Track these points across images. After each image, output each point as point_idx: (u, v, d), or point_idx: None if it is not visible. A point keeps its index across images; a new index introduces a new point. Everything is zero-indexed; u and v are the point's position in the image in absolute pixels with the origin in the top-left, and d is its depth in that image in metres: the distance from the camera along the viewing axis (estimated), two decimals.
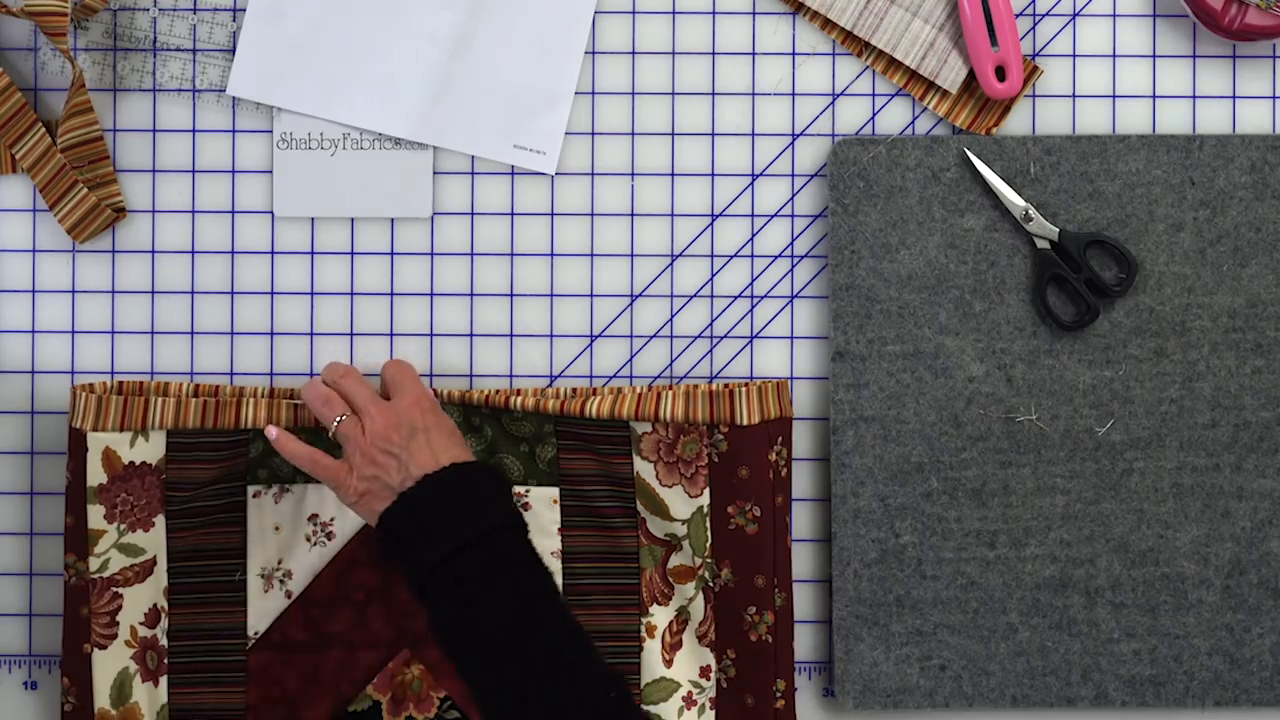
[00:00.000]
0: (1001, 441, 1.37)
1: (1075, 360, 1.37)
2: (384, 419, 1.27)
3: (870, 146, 1.38)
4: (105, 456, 1.34)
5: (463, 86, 1.39)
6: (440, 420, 1.28)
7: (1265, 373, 1.37)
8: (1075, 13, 1.40)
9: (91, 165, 1.39)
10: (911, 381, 1.37)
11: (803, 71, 1.40)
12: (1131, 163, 1.37)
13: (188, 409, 1.34)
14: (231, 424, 1.35)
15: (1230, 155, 1.37)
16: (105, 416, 1.34)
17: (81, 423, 1.34)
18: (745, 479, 1.34)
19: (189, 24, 1.40)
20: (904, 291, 1.37)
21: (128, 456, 1.34)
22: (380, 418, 1.27)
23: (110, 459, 1.34)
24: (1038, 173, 1.37)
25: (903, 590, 1.37)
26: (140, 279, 1.41)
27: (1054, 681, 1.38)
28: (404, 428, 1.26)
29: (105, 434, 1.34)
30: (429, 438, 1.26)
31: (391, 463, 1.25)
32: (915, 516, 1.37)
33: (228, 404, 1.35)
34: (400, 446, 1.26)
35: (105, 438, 1.34)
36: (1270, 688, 1.38)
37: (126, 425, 1.34)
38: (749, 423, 1.34)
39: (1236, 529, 1.37)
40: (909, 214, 1.38)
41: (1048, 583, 1.37)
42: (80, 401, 1.34)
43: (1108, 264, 1.37)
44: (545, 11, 1.39)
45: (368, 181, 1.40)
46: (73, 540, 1.35)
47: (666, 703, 1.36)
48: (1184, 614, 1.37)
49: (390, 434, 1.26)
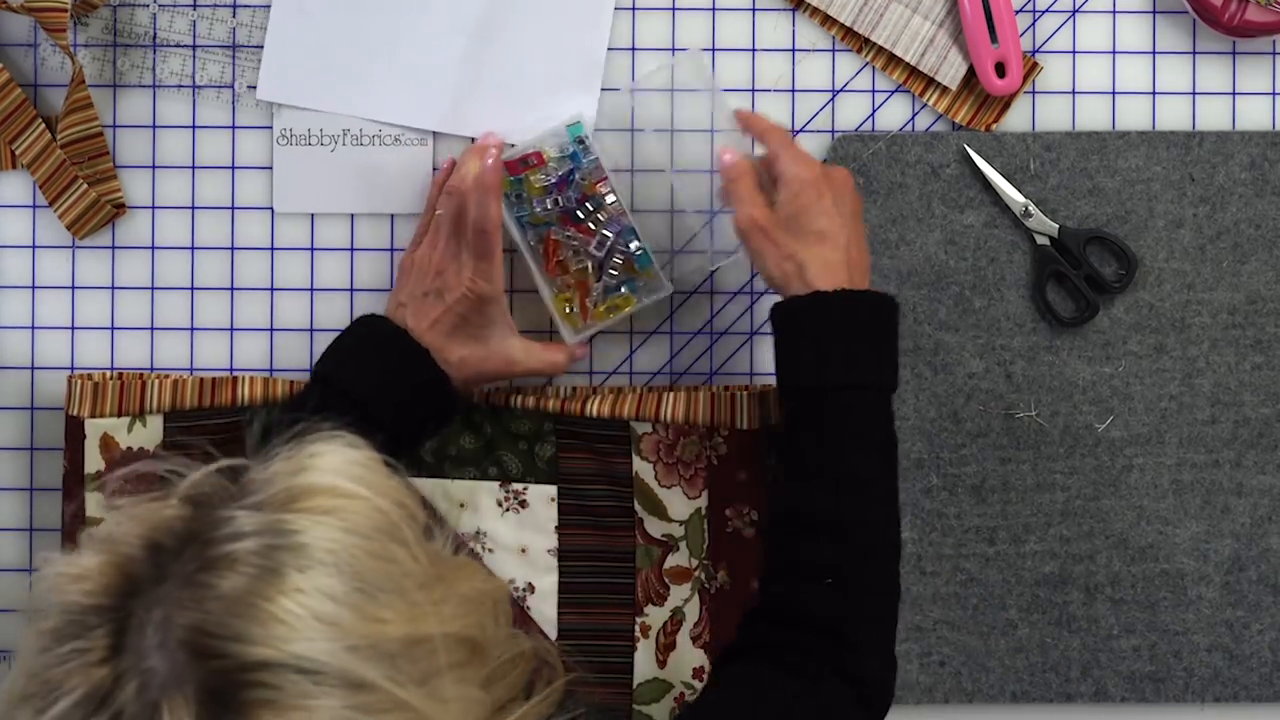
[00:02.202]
0: (1001, 438, 1.37)
1: (1075, 357, 1.37)
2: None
3: (870, 142, 1.38)
4: (103, 442, 1.34)
5: (493, 74, 1.39)
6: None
7: (1265, 369, 1.37)
8: (1075, 9, 1.40)
9: (91, 161, 1.38)
10: (911, 378, 1.37)
11: (803, 68, 1.40)
12: (1131, 159, 1.37)
13: (184, 390, 1.34)
14: (228, 402, 1.35)
15: (1230, 152, 1.37)
16: (102, 402, 1.34)
17: (78, 410, 1.34)
18: (744, 483, 1.34)
19: (189, 20, 1.40)
20: (904, 288, 1.37)
21: (125, 442, 1.34)
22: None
23: (108, 445, 1.34)
24: (1037, 169, 1.37)
25: (902, 586, 1.37)
26: (140, 275, 1.41)
27: (1053, 677, 1.38)
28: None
29: (103, 420, 1.34)
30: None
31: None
32: (915, 512, 1.37)
33: (224, 383, 1.35)
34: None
35: (103, 424, 1.34)
36: (1270, 684, 1.37)
37: (124, 410, 1.34)
38: (749, 427, 1.34)
39: (1236, 525, 1.37)
40: (908, 210, 1.38)
41: (1047, 579, 1.37)
42: (76, 388, 1.34)
43: (1107, 260, 1.37)
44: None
45: (367, 177, 1.39)
46: (72, 531, 1.34)
47: (659, 703, 1.36)
48: (1183, 610, 1.37)
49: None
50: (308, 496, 0.94)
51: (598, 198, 1.35)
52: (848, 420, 1.20)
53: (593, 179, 1.35)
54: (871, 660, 1.18)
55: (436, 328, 1.29)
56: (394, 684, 0.90)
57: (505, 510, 1.36)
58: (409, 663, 0.91)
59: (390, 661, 0.90)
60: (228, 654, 0.88)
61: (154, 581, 0.92)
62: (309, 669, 0.88)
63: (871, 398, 1.20)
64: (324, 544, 0.92)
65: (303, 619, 0.89)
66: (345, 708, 0.89)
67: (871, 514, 1.19)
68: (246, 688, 0.88)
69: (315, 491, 0.94)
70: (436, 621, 0.93)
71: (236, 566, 0.91)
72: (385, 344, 1.28)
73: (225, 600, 0.90)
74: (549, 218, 1.35)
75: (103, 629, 0.91)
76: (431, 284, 1.29)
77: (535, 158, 1.35)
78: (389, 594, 0.92)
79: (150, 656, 0.89)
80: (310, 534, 0.92)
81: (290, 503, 0.93)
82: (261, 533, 0.92)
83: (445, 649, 0.93)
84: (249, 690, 0.88)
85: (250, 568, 0.91)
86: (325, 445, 0.97)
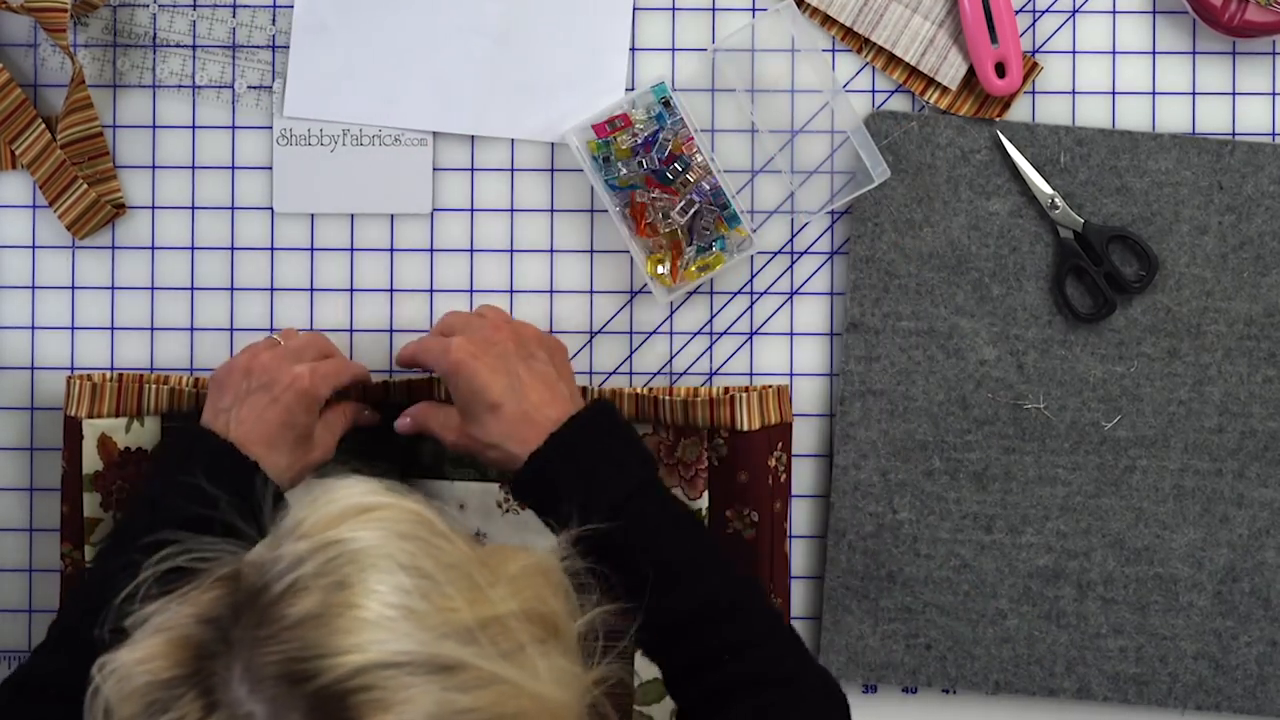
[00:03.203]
0: (1007, 427, 1.37)
1: (1088, 353, 1.37)
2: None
3: (903, 121, 1.37)
4: (101, 443, 1.32)
5: (517, 75, 1.38)
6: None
7: (1276, 382, 1.37)
8: (1075, 9, 1.40)
9: (91, 161, 1.38)
10: (923, 359, 1.37)
11: (802, 68, 1.39)
12: (1162, 161, 1.37)
13: (181, 393, 1.33)
14: None
15: (1261, 163, 1.37)
16: (100, 402, 1.32)
17: (76, 410, 1.32)
18: (744, 484, 1.34)
19: (189, 20, 1.39)
20: (923, 269, 1.37)
21: (123, 442, 1.33)
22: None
23: (106, 445, 1.32)
24: (1068, 163, 1.37)
25: (895, 566, 1.37)
26: (140, 275, 1.40)
27: (1038, 671, 1.37)
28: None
29: (101, 420, 1.32)
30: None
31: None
32: (915, 494, 1.37)
33: None
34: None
35: (101, 424, 1.32)
36: (1253, 696, 1.37)
37: (122, 411, 1.32)
38: (749, 428, 1.33)
39: (1233, 535, 1.37)
40: (935, 192, 1.37)
41: (1040, 572, 1.37)
42: (75, 389, 1.32)
43: (1129, 260, 1.37)
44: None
45: (367, 177, 1.39)
46: (69, 529, 1.33)
47: (659, 704, 1.35)
48: (1174, 615, 1.37)
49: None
50: (344, 515, 0.97)
51: (685, 158, 1.35)
52: (643, 527, 1.20)
53: (679, 139, 1.35)
54: (803, 665, 1.19)
55: (263, 431, 1.24)
56: (483, 659, 0.93)
57: (505, 511, 1.36)
58: (490, 642, 0.94)
59: (473, 641, 0.93)
60: (321, 672, 0.90)
61: (223, 643, 0.94)
62: (402, 662, 0.91)
63: (644, 494, 1.21)
64: (377, 546, 0.95)
65: (381, 618, 0.92)
66: (444, 690, 0.91)
67: (717, 579, 1.20)
68: (349, 696, 0.90)
69: (349, 509, 0.97)
70: (500, 600, 0.96)
71: (301, 591, 0.93)
72: (214, 461, 1.22)
73: (302, 624, 0.92)
74: (635, 179, 1.35)
75: (190, 694, 0.93)
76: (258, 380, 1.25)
77: (622, 119, 1.35)
78: (449, 582, 0.95)
79: (246, 703, 0.91)
80: (361, 540, 0.95)
81: (330, 525, 0.96)
82: (314, 554, 0.94)
83: (520, 626, 0.96)
84: (352, 698, 0.90)
85: (316, 588, 0.93)
86: (338, 481, 1.00)
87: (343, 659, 0.90)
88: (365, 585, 0.93)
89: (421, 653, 0.91)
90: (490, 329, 1.25)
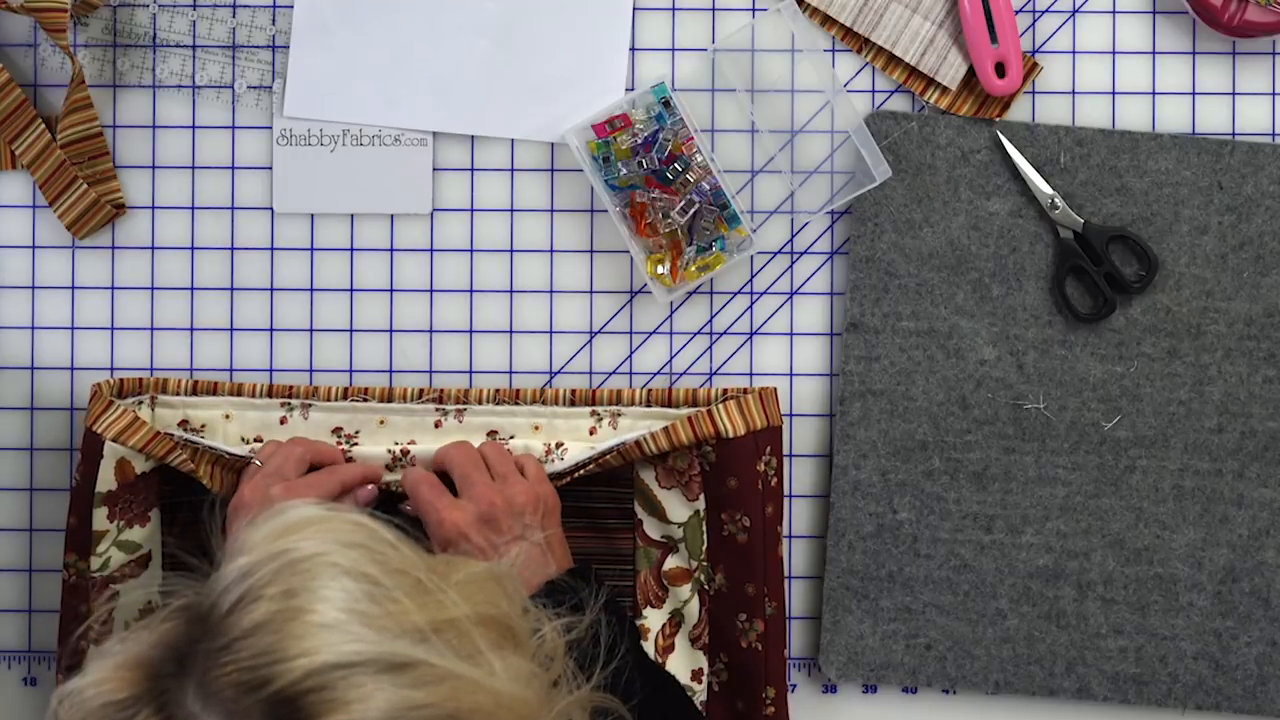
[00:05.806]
0: (1007, 427, 1.37)
1: (1088, 353, 1.37)
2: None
3: (903, 121, 1.37)
4: (119, 466, 1.31)
5: (516, 75, 1.38)
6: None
7: (1276, 383, 1.37)
8: (1075, 9, 1.40)
9: (91, 161, 1.38)
10: (923, 359, 1.37)
11: (802, 68, 1.39)
12: (1162, 161, 1.37)
13: (203, 456, 1.33)
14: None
15: (1261, 163, 1.37)
16: (130, 435, 1.30)
17: (103, 429, 1.31)
18: (734, 490, 1.34)
19: (189, 20, 1.39)
20: (923, 269, 1.37)
21: (140, 468, 1.32)
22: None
23: (124, 469, 1.31)
24: (1068, 163, 1.37)
25: (895, 566, 1.37)
26: (140, 275, 1.40)
27: (1038, 671, 1.37)
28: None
29: (124, 448, 1.31)
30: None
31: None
32: (914, 494, 1.37)
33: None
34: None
35: (123, 451, 1.31)
36: (1252, 696, 1.37)
37: (149, 453, 1.31)
38: (734, 435, 1.33)
39: (1233, 535, 1.37)
40: (935, 192, 1.37)
41: (1040, 572, 1.37)
42: (110, 412, 1.31)
43: (1129, 260, 1.37)
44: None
45: (367, 177, 1.39)
46: (74, 541, 1.32)
47: None
48: (1173, 616, 1.37)
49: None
50: (288, 528, 0.98)
51: (685, 158, 1.35)
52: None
53: (679, 139, 1.35)
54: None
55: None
56: (437, 657, 0.93)
57: None
58: (444, 643, 0.94)
59: (425, 641, 0.94)
60: (275, 677, 0.91)
61: (176, 662, 0.95)
62: (355, 662, 0.92)
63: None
64: (323, 554, 0.96)
65: (333, 621, 0.93)
66: (398, 687, 0.92)
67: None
68: (304, 697, 0.91)
69: (293, 523, 0.98)
70: (451, 604, 0.97)
71: (252, 602, 0.94)
72: None
73: (254, 633, 0.92)
74: (635, 179, 1.35)
75: (145, 712, 0.93)
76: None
77: (622, 119, 1.35)
78: (397, 586, 0.96)
79: (201, 716, 0.92)
80: (307, 548, 0.96)
81: (275, 538, 0.97)
82: (261, 565, 0.95)
83: (475, 630, 0.96)
84: (307, 699, 0.91)
85: (266, 596, 0.94)
86: (280, 504, 1.02)
87: (296, 662, 0.91)
88: (314, 591, 0.94)
89: (374, 652, 0.92)
90: (482, 498, 1.28)
